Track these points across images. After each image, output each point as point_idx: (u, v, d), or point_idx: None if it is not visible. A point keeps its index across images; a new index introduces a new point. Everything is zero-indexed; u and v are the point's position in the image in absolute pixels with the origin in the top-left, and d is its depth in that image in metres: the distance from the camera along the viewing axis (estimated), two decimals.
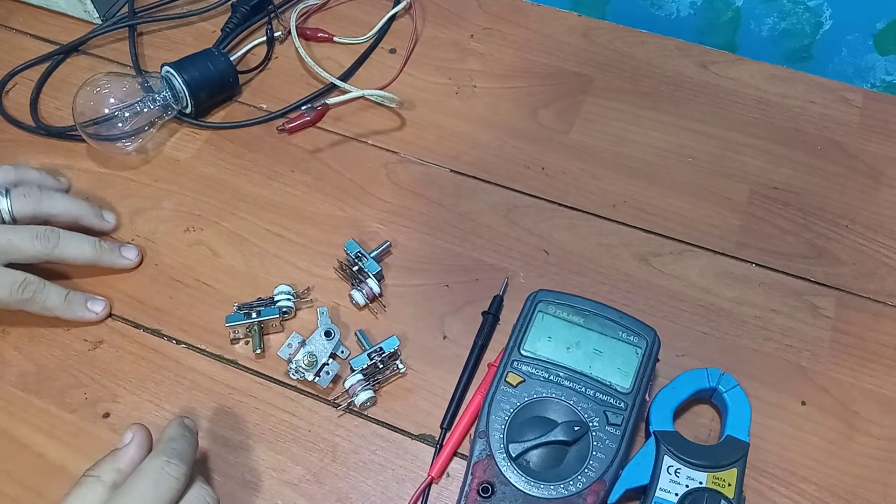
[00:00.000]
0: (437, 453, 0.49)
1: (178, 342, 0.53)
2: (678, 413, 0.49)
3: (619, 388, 0.47)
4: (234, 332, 0.52)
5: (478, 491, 0.44)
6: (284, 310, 0.53)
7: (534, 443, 0.45)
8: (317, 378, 0.49)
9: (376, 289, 0.54)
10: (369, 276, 0.54)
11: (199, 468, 0.45)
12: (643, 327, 0.49)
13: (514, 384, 0.47)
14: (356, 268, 0.54)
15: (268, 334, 0.53)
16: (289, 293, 0.53)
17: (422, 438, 0.50)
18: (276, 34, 0.70)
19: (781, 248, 0.58)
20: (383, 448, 0.49)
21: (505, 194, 0.61)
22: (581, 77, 0.67)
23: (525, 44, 0.70)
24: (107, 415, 0.50)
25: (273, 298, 0.53)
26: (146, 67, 0.68)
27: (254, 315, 0.52)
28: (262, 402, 0.51)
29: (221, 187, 0.61)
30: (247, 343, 0.53)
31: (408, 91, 0.66)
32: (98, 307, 0.53)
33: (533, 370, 0.48)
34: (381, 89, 0.64)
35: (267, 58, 0.69)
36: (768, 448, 0.49)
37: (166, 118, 0.62)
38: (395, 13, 0.71)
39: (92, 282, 0.55)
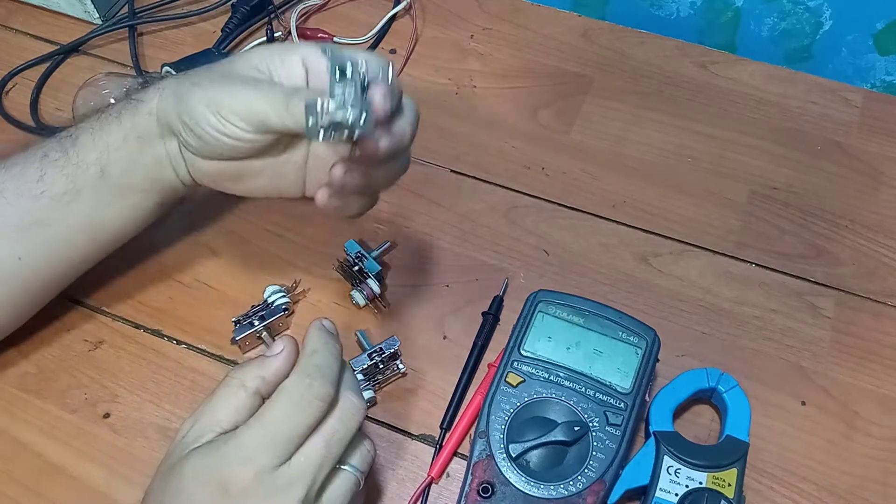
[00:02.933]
0: (437, 453, 0.49)
1: (179, 342, 0.53)
2: (678, 413, 0.49)
3: (619, 389, 0.47)
4: (244, 344, 0.52)
5: (478, 491, 0.44)
6: (284, 307, 0.53)
7: (534, 443, 0.45)
8: (355, 128, 0.37)
9: (376, 289, 0.54)
10: (369, 276, 0.54)
11: None
12: (643, 327, 0.49)
13: (514, 384, 0.47)
14: (356, 268, 0.54)
15: (277, 335, 0.53)
16: (280, 291, 0.53)
17: (422, 438, 0.50)
18: (276, 34, 0.70)
19: (781, 248, 0.58)
20: (383, 448, 0.49)
21: (505, 194, 0.61)
22: (581, 77, 0.67)
23: (525, 44, 0.70)
24: (107, 415, 0.50)
25: (267, 301, 0.53)
26: (146, 68, 0.68)
27: (257, 322, 0.52)
28: None
29: None
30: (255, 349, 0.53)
31: (408, 91, 0.65)
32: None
33: (533, 370, 0.48)
34: None
35: None
36: (768, 448, 0.49)
37: None
38: (395, 13, 0.71)
39: (92, 281, 0.55)
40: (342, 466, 0.39)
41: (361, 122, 0.37)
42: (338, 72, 0.37)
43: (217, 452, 0.37)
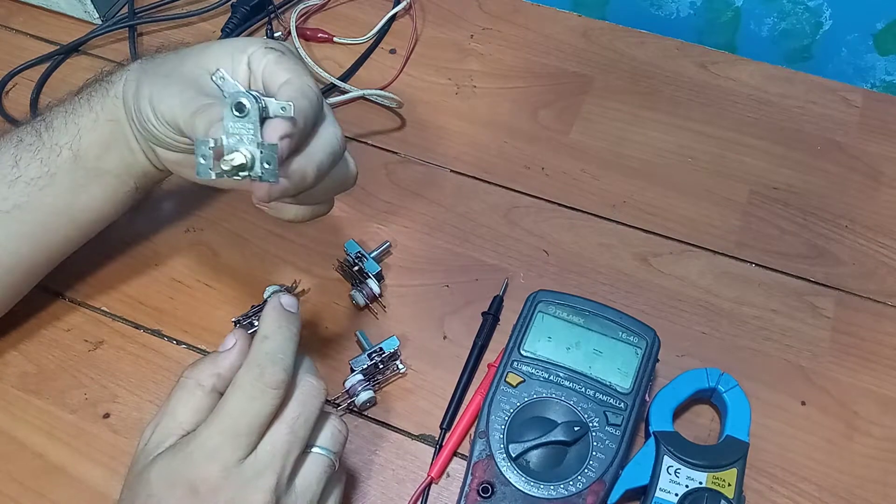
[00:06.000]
0: (436, 453, 0.49)
1: (179, 342, 0.53)
2: (678, 413, 0.49)
3: (618, 389, 0.47)
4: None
5: (478, 491, 0.44)
6: None
7: (534, 443, 0.45)
8: (251, 173, 0.34)
9: (376, 289, 0.54)
10: (369, 277, 0.54)
11: None
12: (643, 327, 0.49)
13: (514, 384, 0.47)
14: (356, 268, 0.54)
15: None
16: (280, 291, 0.53)
17: (422, 438, 0.50)
18: (276, 34, 0.70)
19: (781, 248, 0.58)
20: (383, 448, 0.49)
21: (505, 194, 0.61)
22: (581, 77, 0.67)
23: (525, 44, 0.70)
24: (107, 415, 0.50)
25: (266, 300, 0.53)
26: None
27: (257, 322, 0.52)
28: None
29: None
30: None
31: (408, 91, 0.66)
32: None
33: (533, 370, 0.48)
34: (381, 89, 0.64)
35: None
36: (768, 448, 0.49)
37: None
38: (395, 13, 0.71)
39: (92, 282, 0.55)
40: (311, 449, 0.39)
41: (258, 168, 0.34)
42: (233, 109, 0.34)
43: (181, 454, 0.37)
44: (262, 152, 0.34)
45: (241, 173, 0.34)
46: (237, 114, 0.34)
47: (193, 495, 0.36)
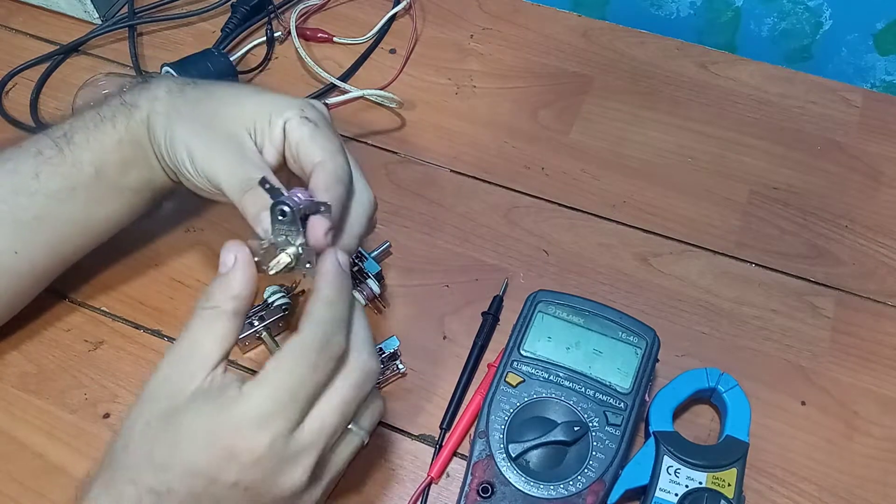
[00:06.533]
0: (436, 453, 0.49)
1: None
2: (678, 413, 0.49)
3: (618, 389, 0.47)
4: (244, 344, 0.52)
5: (478, 491, 0.44)
6: (284, 307, 0.53)
7: (534, 443, 0.45)
8: (295, 269, 0.38)
9: (376, 289, 0.54)
10: (369, 277, 0.54)
11: None
12: (643, 327, 0.49)
13: (514, 384, 0.47)
14: (356, 268, 0.54)
15: (277, 335, 0.53)
16: (280, 291, 0.53)
17: (422, 438, 0.50)
18: (275, 34, 0.70)
19: (781, 248, 0.58)
20: (383, 448, 0.49)
21: (505, 194, 0.61)
22: (581, 77, 0.67)
23: (525, 44, 0.70)
24: (107, 415, 0.50)
25: (266, 301, 0.53)
26: (146, 67, 0.68)
27: (256, 322, 0.52)
28: None
29: None
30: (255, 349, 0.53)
31: (408, 91, 0.66)
32: None
33: (533, 370, 0.48)
34: (381, 89, 0.64)
35: (267, 58, 0.69)
36: (768, 448, 0.49)
37: None
38: (395, 13, 0.71)
39: (92, 282, 0.55)
40: (350, 427, 0.38)
41: (301, 266, 0.37)
42: (277, 214, 0.37)
43: (225, 414, 0.35)
44: (302, 251, 0.37)
45: (286, 271, 0.38)
46: (280, 217, 0.37)
47: (230, 460, 0.34)
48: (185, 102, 0.45)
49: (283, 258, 0.37)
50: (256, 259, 0.37)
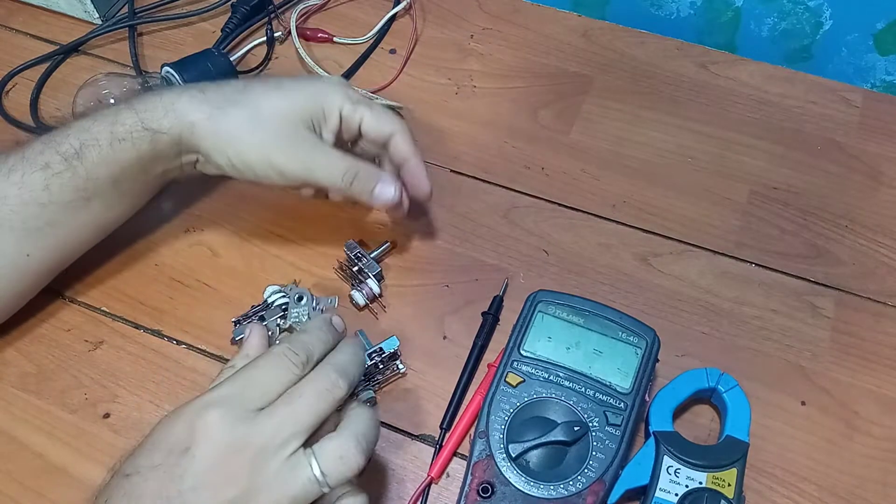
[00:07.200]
0: (436, 453, 0.49)
1: (179, 342, 0.53)
2: (678, 413, 0.49)
3: (618, 389, 0.47)
4: None
5: (478, 491, 0.44)
6: (284, 307, 0.53)
7: (534, 443, 0.45)
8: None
9: (376, 289, 0.54)
10: (369, 277, 0.54)
11: None
12: (643, 327, 0.49)
13: (514, 384, 0.47)
14: (356, 268, 0.54)
15: (278, 335, 0.53)
16: (280, 291, 0.53)
17: (422, 438, 0.50)
18: (276, 34, 0.70)
19: (781, 248, 0.58)
20: (383, 448, 0.49)
21: (505, 194, 0.61)
22: (581, 77, 0.67)
23: (525, 44, 0.70)
24: (107, 415, 0.50)
25: (267, 301, 0.53)
26: (146, 67, 0.68)
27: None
28: None
29: (222, 187, 0.61)
30: None
31: (408, 91, 0.66)
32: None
33: (533, 370, 0.48)
34: (381, 90, 0.64)
35: (267, 58, 0.69)
36: (768, 448, 0.49)
37: None
38: (395, 13, 0.71)
39: (92, 282, 0.55)
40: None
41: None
42: (295, 299, 0.52)
43: (248, 424, 0.37)
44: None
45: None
46: (297, 302, 0.52)
47: (191, 433, 0.37)
48: (223, 114, 0.48)
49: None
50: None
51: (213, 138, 0.48)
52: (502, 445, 0.45)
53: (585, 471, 0.44)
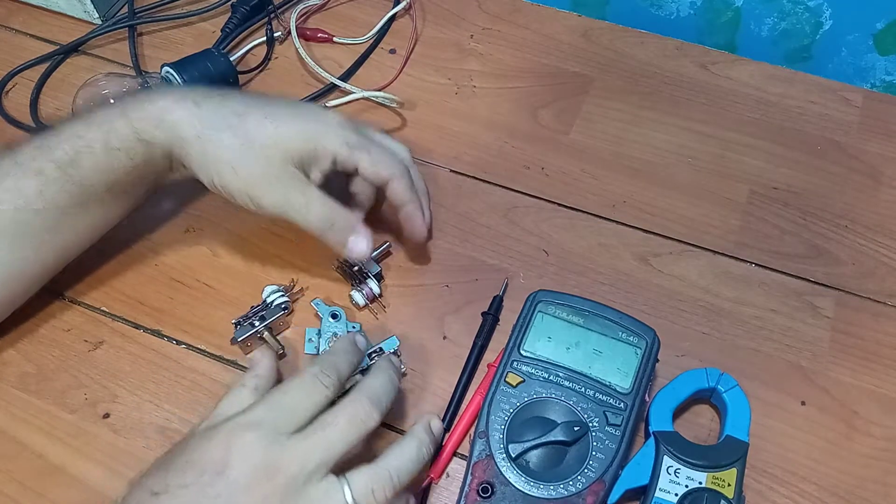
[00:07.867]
0: (436, 453, 0.49)
1: (178, 342, 0.53)
2: (678, 413, 0.49)
3: (618, 389, 0.47)
4: (246, 345, 0.52)
5: (477, 491, 0.44)
6: (284, 306, 0.53)
7: (533, 443, 0.45)
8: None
9: (376, 289, 0.54)
10: (369, 277, 0.54)
11: None
12: (643, 327, 0.49)
13: (514, 384, 0.47)
14: (356, 268, 0.54)
15: (278, 334, 0.53)
16: (279, 291, 0.53)
17: None
18: (276, 34, 0.70)
19: (781, 248, 0.58)
20: (383, 448, 0.49)
21: (505, 194, 0.61)
22: (581, 77, 0.67)
23: (525, 44, 0.70)
24: (107, 415, 0.50)
25: (266, 301, 0.53)
26: (146, 67, 0.68)
27: (257, 322, 0.52)
28: None
29: None
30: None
31: (408, 91, 0.66)
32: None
33: (533, 370, 0.48)
34: (381, 89, 0.64)
35: (267, 58, 0.69)
36: (768, 448, 0.49)
37: None
38: (395, 13, 0.71)
39: (92, 282, 0.55)
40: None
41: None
42: (329, 317, 0.52)
43: (277, 446, 0.38)
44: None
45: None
46: (331, 320, 0.52)
47: (269, 480, 0.37)
48: (214, 138, 0.48)
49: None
50: (311, 342, 0.52)
51: (201, 159, 0.48)
52: (502, 445, 0.45)
53: (585, 471, 0.44)
